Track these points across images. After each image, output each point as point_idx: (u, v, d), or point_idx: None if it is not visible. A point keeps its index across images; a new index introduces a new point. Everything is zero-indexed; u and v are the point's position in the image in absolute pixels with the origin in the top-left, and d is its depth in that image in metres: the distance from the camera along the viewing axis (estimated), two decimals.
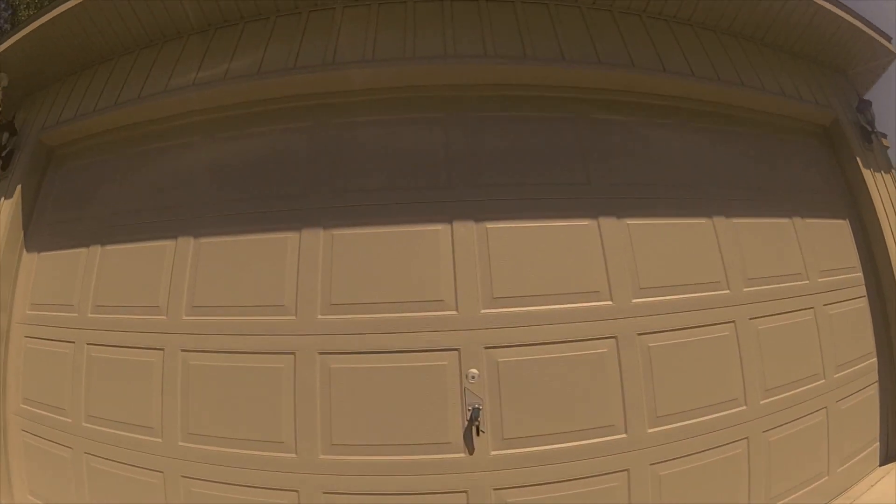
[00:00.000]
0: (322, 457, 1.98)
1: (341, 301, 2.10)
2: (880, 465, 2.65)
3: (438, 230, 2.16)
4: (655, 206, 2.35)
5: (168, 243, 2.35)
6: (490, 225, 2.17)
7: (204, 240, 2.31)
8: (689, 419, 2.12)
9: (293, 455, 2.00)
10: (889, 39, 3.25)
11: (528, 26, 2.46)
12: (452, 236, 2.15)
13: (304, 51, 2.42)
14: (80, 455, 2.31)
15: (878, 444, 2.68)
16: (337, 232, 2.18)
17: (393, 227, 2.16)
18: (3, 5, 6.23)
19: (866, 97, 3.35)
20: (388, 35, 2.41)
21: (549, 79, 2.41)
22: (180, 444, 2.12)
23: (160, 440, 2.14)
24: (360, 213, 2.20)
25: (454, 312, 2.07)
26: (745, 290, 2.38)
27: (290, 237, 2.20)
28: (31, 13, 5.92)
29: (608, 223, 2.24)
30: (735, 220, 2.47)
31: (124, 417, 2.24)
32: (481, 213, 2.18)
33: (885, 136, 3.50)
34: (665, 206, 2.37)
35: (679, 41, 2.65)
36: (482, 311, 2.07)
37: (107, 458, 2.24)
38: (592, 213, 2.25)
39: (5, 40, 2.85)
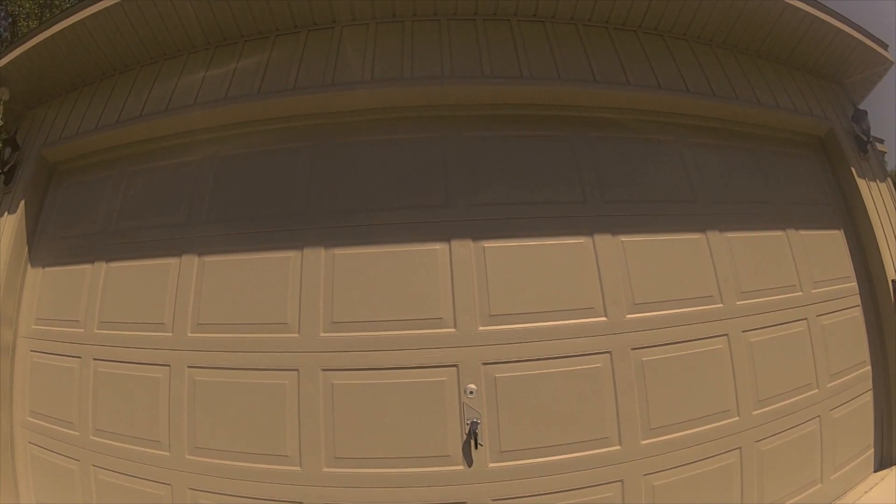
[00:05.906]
0: (326, 469, 2.03)
1: (343, 319, 2.14)
2: (874, 472, 2.68)
3: (437, 249, 2.20)
4: (650, 223, 2.38)
5: (172, 261, 2.39)
6: (487, 244, 2.22)
7: (208, 258, 2.34)
8: (682, 430, 2.17)
9: (298, 468, 2.04)
10: (885, 47, 3.25)
11: (525, 45, 2.49)
12: (451, 255, 2.19)
13: (304, 70, 2.44)
14: (88, 467, 2.36)
15: (872, 450, 2.70)
16: (338, 251, 2.22)
17: (393, 247, 2.20)
18: (2, 14, 6.23)
19: (862, 105, 3.36)
20: (386, 55, 2.43)
21: (545, 98, 2.44)
22: (187, 457, 2.16)
23: (167, 453, 2.19)
24: (360, 232, 2.24)
25: (453, 330, 2.11)
26: (739, 303, 2.41)
27: (293, 256, 2.24)
28: (31, 24, 5.92)
29: (603, 240, 2.28)
30: (729, 235, 2.50)
31: (132, 431, 2.29)
32: (479, 232, 2.22)
33: (881, 141, 3.51)
34: (659, 223, 2.40)
35: (674, 56, 2.67)
36: (480, 328, 2.11)
37: (114, 471, 2.29)
38: (588, 230, 2.28)
39: (7, 54, 2.86)
